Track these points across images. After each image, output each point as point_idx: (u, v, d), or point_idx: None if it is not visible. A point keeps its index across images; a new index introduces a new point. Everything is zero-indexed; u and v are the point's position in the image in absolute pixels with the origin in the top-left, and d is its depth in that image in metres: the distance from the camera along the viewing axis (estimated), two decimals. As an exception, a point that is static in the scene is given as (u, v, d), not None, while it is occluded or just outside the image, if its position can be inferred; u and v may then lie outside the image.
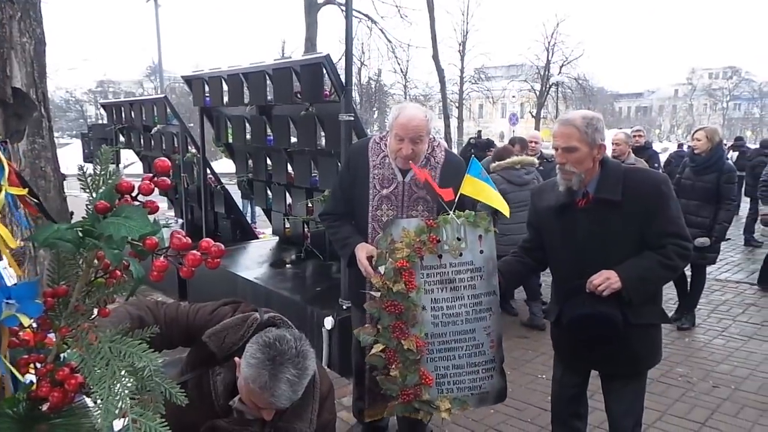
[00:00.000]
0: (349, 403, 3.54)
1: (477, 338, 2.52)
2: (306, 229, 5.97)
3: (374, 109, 36.59)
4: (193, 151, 6.85)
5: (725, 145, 12.16)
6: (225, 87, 5.69)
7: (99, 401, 0.70)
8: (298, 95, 4.85)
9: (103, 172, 0.78)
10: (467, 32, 32.78)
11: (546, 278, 6.85)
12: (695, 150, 4.96)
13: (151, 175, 0.78)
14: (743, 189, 10.05)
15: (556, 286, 2.55)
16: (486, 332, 2.53)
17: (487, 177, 2.62)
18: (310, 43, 15.76)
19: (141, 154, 8.05)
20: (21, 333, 0.81)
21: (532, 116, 36.47)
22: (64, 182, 2.66)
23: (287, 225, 6.33)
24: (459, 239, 2.47)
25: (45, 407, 0.80)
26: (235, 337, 1.87)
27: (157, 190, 0.81)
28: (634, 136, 7.03)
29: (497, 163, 5.17)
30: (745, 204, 9.97)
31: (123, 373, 0.71)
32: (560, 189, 2.34)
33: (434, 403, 2.50)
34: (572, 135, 2.24)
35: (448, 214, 2.45)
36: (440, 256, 2.46)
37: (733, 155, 12.42)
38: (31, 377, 0.86)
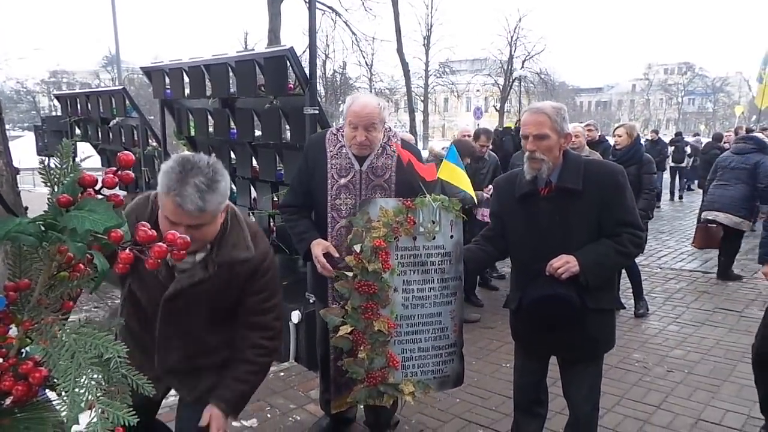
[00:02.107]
0: (316, 396, 3.55)
1: (443, 322, 2.58)
2: (272, 224, 5.92)
3: (339, 102, 36.39)
4: (154, 144, 6.69)
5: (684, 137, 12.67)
6: (186, 79, 5.57)
7: (64, 394, 0.69)
8: (262, 88, 4.79)
9: (64, 166, 0.77)
10: (431, 26, 32.98)
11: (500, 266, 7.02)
12: (617, 145, 5.43)
13: (114, 168, 0.77)
14: (697, 182, 10.48)
15: (517, 273, 2.62)
16: (451, 316, 2.60)
17: (461, 163, 2.71)
18: (274, 35, 15.55)
19: (99, 148, 7.82)
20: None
21: (496, 110, 36.94)
22: (17, 176, 2.57)
23: (252, 219, 6.26)
24: (434, 222, 2.51)
25: (8, 401, 0.79)
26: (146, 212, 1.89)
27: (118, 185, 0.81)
28: (587, 130, 7.23)
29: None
30: (698, 196, 10.37)
31: (89, 364, 0.71)
32: (527, 177, 2.40)
33: (398, 386, 2.54)
34: (544, 123, 2.31)
35: (425, 197, 2.48)
36: (414, 238, 2.50)
37: (670, 149, 13.02)
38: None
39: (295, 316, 4.32)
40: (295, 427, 3.31)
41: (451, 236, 2.56)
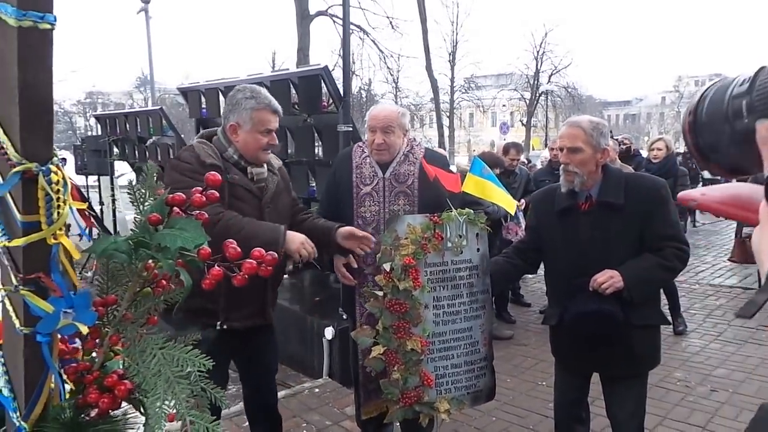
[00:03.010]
0: (352, 412, 3.55)
1: (473, 336, 2.56)
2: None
3: (365, 119, 36.70)
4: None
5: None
6: (222, 98, 5.71)
7: (153, 406, 0.72)
8: (296, 106, 4.89)
9: (149, 186, 0.81)
10: (457, 42, 33.13)
11: (525, 283, 6.92)
12: (654, 159, 5.48)
13: (201, 188, 0.80)
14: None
15: (556, 288, 2.59)
16: (481, 330, 2.58)
17: (490, 174, 2.70)
18: (303, 53, 15.82)
19: (135, 166, 8.05)
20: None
21: (523, 125, 36.79)
22: None
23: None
24: (460, 236, 2.51)
25: (92, 413, 0.82)
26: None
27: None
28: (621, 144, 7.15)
29: None
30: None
31: (176, 378, 0.73)
32: (563, 190, 2.40)
33: (433, 404, 2.51)
34: (578, 136, 2.32)
35: (451, 211, 2.49)
36: (443, 254, 2.49)
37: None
38: (68, 385, 0.87)
39: (329, 332, 4.34)
40: (332, 443, 3.31)
41: (478, 249, 2.55)
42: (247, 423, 3.34)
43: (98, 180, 9.22)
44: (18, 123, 0.69)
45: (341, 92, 4.20)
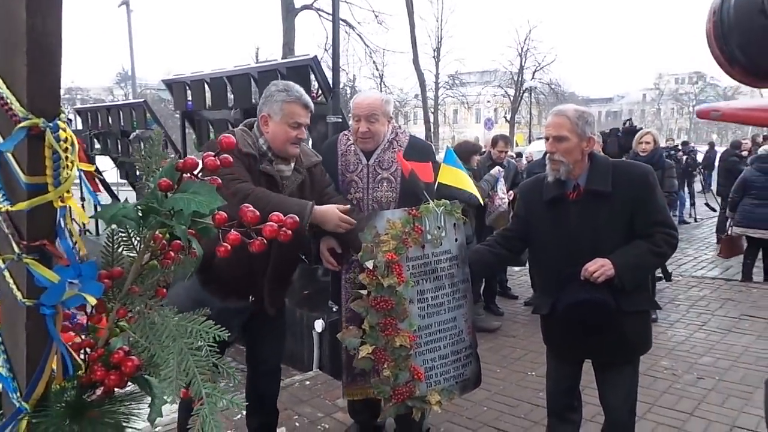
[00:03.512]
0: (343, 404, 3.53)
1: (458, 326, 2.56)
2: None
3: (348, 114, 36.60)
4: (174, 156, 6.77)
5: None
6: (208, 90, 5.64)
7: (166, 379, 0.69)
8: (284, 97, 4.84)
9: (156, 154, 0.78)
10: (441, 38, 33.13)
11: (511, 275, 6.96)
12: (642, 152, 5.53)
13: (212, 153, 0.77)
14: (716, 189, 10.40)
15: (546, 277, 2.59)
16: (464, 319, 2.58)
17: (460, 164, 2.73)
18: (288, 48, 15.70)
19: (118, 161, 7.92)
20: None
21: (507, 121, 36.95)
22: None
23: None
24: (439, 228, 2.50)
25: (98, 392, 0.79)
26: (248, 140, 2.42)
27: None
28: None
29: None
30: (716, 204, 10.28)
31: (189, 350, 0.70)
32: (549, 179, 2.40)
33: (425, 398, 2.50)
34: (563, 125, 2.32)
35: (429, 203, 2.47)
36: (423, 247, 2.48)
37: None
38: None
39: (319, 324, 4.32)
40: (324, 435, 3.29)
41: (456, 239, 2.55)
42: (238, 416, 3.32)
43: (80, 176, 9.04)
44: (25, 74, 0.64)
45: (330, 83, 4.17)
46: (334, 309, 4.40)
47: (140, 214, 0.72)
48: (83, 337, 0.81)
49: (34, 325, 0.73)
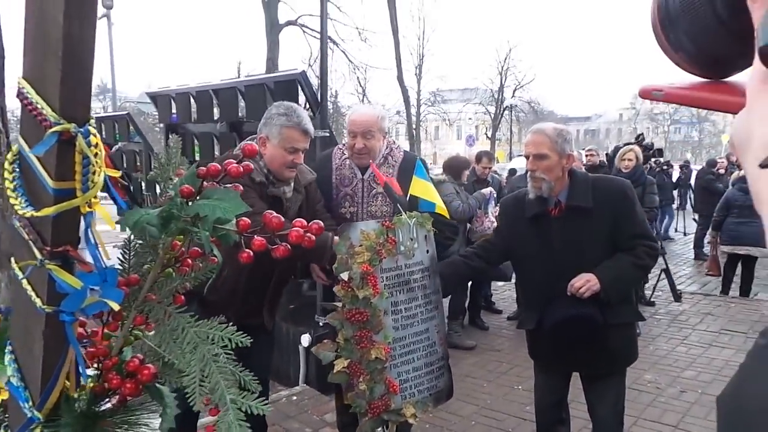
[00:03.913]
0: (331, 419, 3.51)
1: (431, 337, 2.56)
2: (276, 247, 5.91)
3: (344, 126, 36.64)
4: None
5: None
6: (194, 103, 5.61)
7: (192, 386, 0.68)
8: (271, 112, 4.84)
9: (173, 161, 0.78)
10: (423, 56, 33.54)
11: (496, 290, 7.00)
12: (625, 169, 5.68)
13: (234, 160, 0.78)
14: (693, 205, 10.63)
15: (531, 293, 2.62)
16: (436, 330, 2.58)
17: (430, 178, 2.79)
18: (272, 62, 15.74)
19: (100, 173, 7.80)
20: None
21: (488, 138, 37.41)
22: None
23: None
24: (412, 239, 2.51)
25: (114, 401, 0.77)
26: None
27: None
28: (587, 155, 7.33)
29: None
30: (692, 221, 10.49)
31: (212, 357, 0.70)
32: (530, 197, 2.44)
33: (400, 411, 2.48)
34: (543, 143, 2.37)
35: (402, 216, 2.49)
36: (396, 258, 2.49)
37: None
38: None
39: (305, 339, 4.28)
40: (312, 451, 3.26)
41: (427, 251, 2.57)
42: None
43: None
44: (58, 79, 0.64)
45: (318, 97, 4.19)
46: (320, 324, 4.39)
47: (161, 222, 0.72)
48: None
49: (52, 332, 0.72)
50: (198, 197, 0.71)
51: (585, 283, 2.29)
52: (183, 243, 0.78)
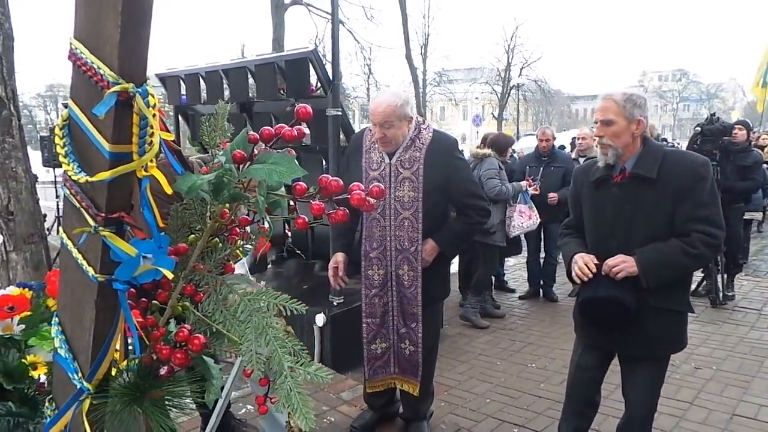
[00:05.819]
0: (348, 397, 3.54)
1: None
2: (287, 229, 5.91)
3: (349, 109, 36.50)
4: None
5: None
6: (203, 84, 5.58)
7: (246, 356, 0.68)
8: (282, 91, 4.81)
9: (221, 127, 0.77)
10: (428, 35, 33.15)
11: (508, 270, 7.00)
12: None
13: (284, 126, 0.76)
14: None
15: None
16: None
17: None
18: (278, 43, 15.58)
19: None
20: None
21: (494, 118, 37.13)
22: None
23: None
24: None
25: (163, 371, 0.77)
26: None
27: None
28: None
29: None
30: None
31: (266, 326, 0.69)
32: (599, 164, 2.34)
33: None
34: (610, 108, 2.26)
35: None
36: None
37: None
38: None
39: (320, 319, 4.30)
40: (331, 428, 3.29)
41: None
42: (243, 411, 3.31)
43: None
44: (117, 37, 0.62)
45: (330, 76, 4.14)
46: (335, 303, 4.41)
47: (212, 189, 0.70)
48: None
49: (103, 302, 0.71)
50: (251, 163, 0.70)
51: (620, 263, 2.18)
52: (232, 211, 0.77)
